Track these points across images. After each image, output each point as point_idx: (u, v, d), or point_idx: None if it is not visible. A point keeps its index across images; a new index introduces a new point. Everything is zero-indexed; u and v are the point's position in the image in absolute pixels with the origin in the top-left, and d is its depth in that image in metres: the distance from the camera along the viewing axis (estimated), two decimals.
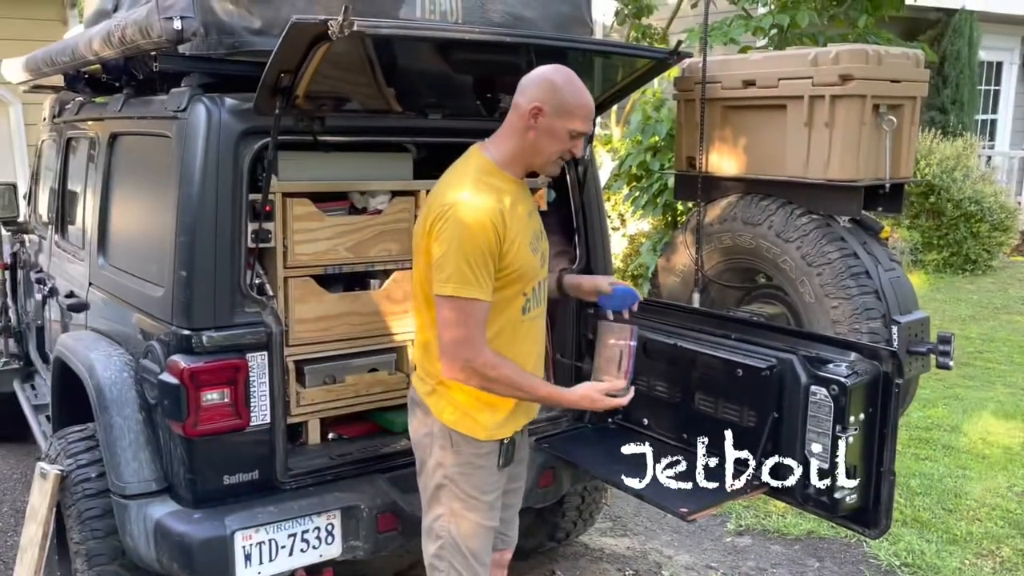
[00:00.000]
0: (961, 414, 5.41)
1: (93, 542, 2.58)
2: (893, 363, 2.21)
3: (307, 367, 2.78)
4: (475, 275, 2.08)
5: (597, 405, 2.26)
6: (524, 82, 2.20)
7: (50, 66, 3.41)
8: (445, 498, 2.27)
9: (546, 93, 2.15)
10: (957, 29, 11.12)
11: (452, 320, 2.11)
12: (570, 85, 2.17)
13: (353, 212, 2.87)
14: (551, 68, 2.20)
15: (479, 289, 2.09)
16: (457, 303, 2.09)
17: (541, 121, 2.15)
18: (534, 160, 2.24)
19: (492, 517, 2.32)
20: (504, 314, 2.22)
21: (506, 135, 2.23)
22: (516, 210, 2.20)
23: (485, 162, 2.23)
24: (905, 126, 2.97)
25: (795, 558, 3.76)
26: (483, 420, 2.24)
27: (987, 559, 3.71)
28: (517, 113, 2.19)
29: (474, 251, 2.08)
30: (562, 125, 2.16)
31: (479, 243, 2.08)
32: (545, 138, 2.18)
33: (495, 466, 2.29)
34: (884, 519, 2.27)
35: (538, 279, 2.31)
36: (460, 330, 2.10)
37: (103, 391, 2.60)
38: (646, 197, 6.58)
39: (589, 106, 2.20)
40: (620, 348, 2.32)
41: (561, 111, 2.15)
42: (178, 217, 2.44)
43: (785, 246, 2.94)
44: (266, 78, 2.22)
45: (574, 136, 2.19)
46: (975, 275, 9.67)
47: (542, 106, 2.14)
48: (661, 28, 7.84)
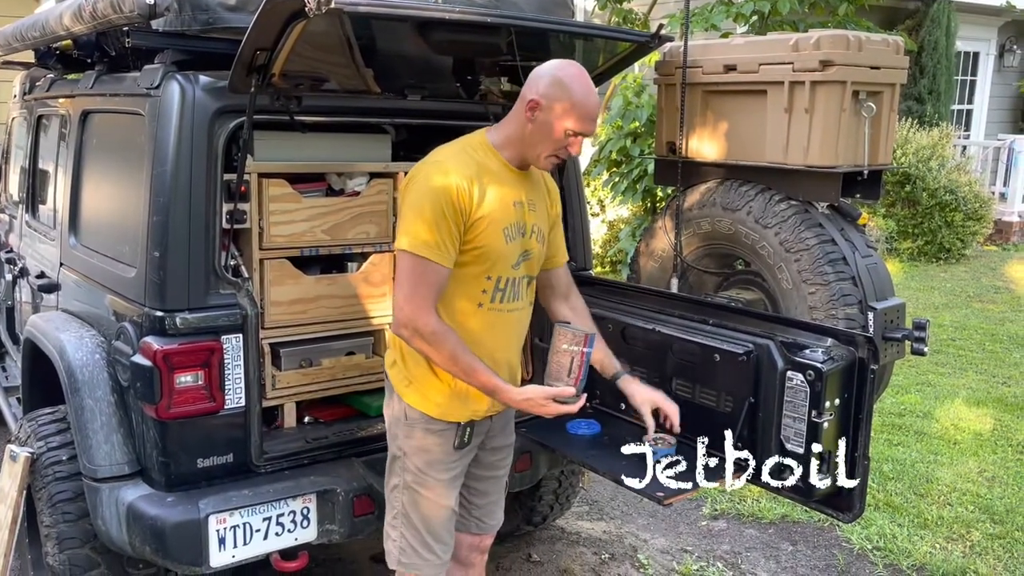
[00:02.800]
0: (933, 400, 5.48)
1: (64, 525, 2.55)
2: (869, 349, 2.22)
3: (283, 350, 2.75)
4: (432, 235, 2.06)
5: (543, 410, 2.15)
6: (534, 72, 2.18)
7: (20, 41, 3.34)
8: (398, 470, 2.29)
9: (550, 88, 2.12)
10: (935, 19, 11.19)
11: (403, 275, 2.09)
12: (575, 84, 2.13)
13: (330, 193, 2.84)
14: (561, 63, 2.18)
15: (435, 251, 2.07)
16: (410, 259, 2.07)
17: (538, 115, 2.13)
18: (528, 152, 2.21)
19: (448, 496, 2.30)
20: (463, 291, 2.18)
21: (510, 121, 2.22)
22: (496, 189, 2.17)
23: (481, 139, 2.22)
24: (884, 113, 2.97)
25: (769, 542, 3.79)
26: (434, 396, 2.23)
27: (957, 543, 3.76)
28: (520, 103, 2.18)
29: (434, 211, 2.06)
30: (559, 123, 2.14)
31: (440, 203, 2.06)
32: (540, 133, 2.16)
33: (450, 446, 2.26)
34: (858, 503, 2.28)
35: (515, 274, 2.25)
36: (408, 287, 2.08)
37: (74, 373, 2.56)
38: (626, 183, 6.59)
39: (590, 108, 2.15)
40: (572, 354, 2.17)
41: (561, 110, 2.12)
42: (151, 197, 2.40)
43: (763, 232, 2.94)
44: (241, 56, 2.18)
45: (570, 135, 2.16)
46: (949, 264, 9.78)
47: (541, 100, 2.12)
48: (642, 13, 7.82)
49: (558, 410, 2.16)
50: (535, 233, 2.30)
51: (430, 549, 2.30)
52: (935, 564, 3.57)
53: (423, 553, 2.30)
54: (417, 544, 2.30)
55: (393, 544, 2.34)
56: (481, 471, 2.44)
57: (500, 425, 2.43)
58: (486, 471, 2.45)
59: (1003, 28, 13.14)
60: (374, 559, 3.49)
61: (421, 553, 2.30)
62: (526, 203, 2.27)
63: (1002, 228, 11.05)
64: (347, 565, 3.50)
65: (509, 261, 2.22)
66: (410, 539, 2.30)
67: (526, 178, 2.28)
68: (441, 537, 2.32)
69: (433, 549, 2.31)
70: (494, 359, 2.24)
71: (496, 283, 2.22)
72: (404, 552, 2.31)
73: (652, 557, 3.65)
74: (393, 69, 2.72)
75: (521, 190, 2.26)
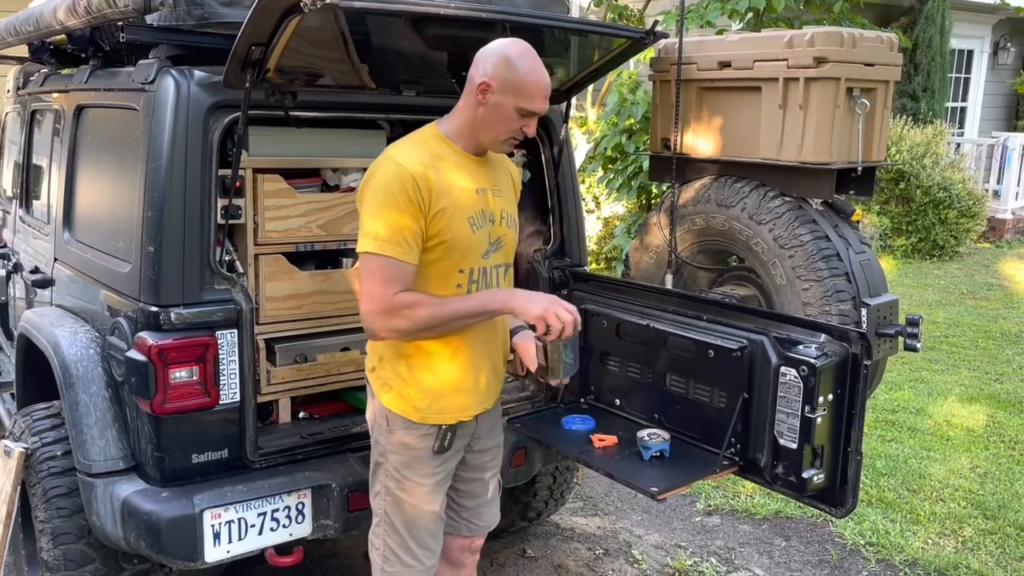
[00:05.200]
0: (926, 397, 5.50)
1: (59, 520, 2.55)
2: (862, 345, 2.23)
3: (278, 345, 2.75)
4: (392, 232, 2.00)
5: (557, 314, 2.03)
6: (479, 55, 2.12)
7: (14, 36, 3.33)
8: (381, 476, 2.25)
9: (497, 68, 2.06)
10: (929, 17, 11.22)
11: (368, 277, 2.02)
12: (523, 61, 2.07)
13: (325, 189, 2.84)
14: (507, 42, 2.12)
15: (397, 248, 2.01)
16: (374, 259, 2.01)
17: (490, 98, 2.08)
18: (484, 137, 2.15)
19: (432, 501, 2.24)
20: (435, 288, 2.12)
21: (460, 109, 2.17)
22: (455, 178, 2.11)
23: (433, 132, 2.18)
24: (878, 110, 2.99)
25: (763, 537, 3.81)
26: (414, 399, 2.18)
27: (949, 538, 3.78)
28: (470, 86, 2.12)
29: (392, 206, 2.00)
30: (512, 103, 2.07)
31: (397, 198, 2.00)
32: (494, 115, 2.10)
33: (431, 450, 2.21)
34: (850, 499, 2.29)
35: (486, 263, 2.19)
36: (375, 288, 2.01)
37: (69, 368, 2.56)
38: (621, 179, 6.60)
39: (542, 84, 2.09)
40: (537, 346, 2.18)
41: (511, 88, 2.06)
42: (145, 192, 2.40)
43: (758, 228, 2.95)
44: (236, 51, 2.18)
45: (524, 115, 2.10)
46: (942, 261, 9.81)
47: (491, 82, 2.06)
48: (638, 10, 7.82)
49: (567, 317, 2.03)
50: (504, 219, 2.25)
51: (413, 555, 2.25)
52: (927, 559, 3.59)
53: (406, 559, 2.25)
54: (400, 550, 2.25)
55: (376, 552, 2.29)
56: (468, 473, 2.39)
57: (487, 427, 2.38)
58: (473, 472, 2.40)
59: (997, 26, 13.18)
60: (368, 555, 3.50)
61: (404, 559, 2.25)
62: (489, 189, 2.21)
63: (995, 225, 11.09)
64: (341, 561, 3.50)
65: (479, 251, 2.17)
66: (393, 545, 2.25)
67: (485, 164, 2.23)
68: (425, 543, 2.26)
69: (417, 555, 2.25)
70: (474, 360, 2.20)
71: (469, 275, 2.17)
72: (387, 560, 2.26)
73: (646, 553, 3.66)
74: (388, 64, 2.71)
75: (482, 176, 2.20)
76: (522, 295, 2.14)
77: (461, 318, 2.10)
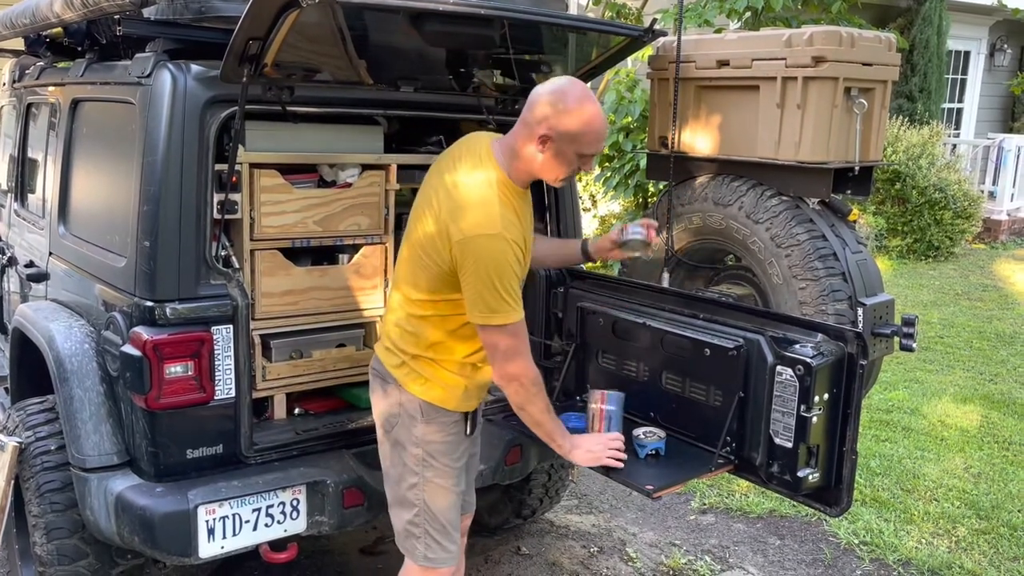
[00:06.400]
0: (921, 397, 5.51)
1: (52, 515, 2.54)
2: (858, 344, 2.23)
3: (273, 341, 2.75)
4: (513, 299, 2.15)
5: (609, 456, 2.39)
6: (534, 96, 2.16)
7: (10, 29, 3.31)
8: (419, 467, 2.30)
9: (559, 119, 2.11)
10: (926, 18, 11.24)
11: (505, 344, 2.17)
12: (583, 109, 2.12)
13: (322, 185, 2.83)
14: (563, 86, 2.15)
15: (517, 311, 2.16)
16: (505, 329, 2.16)
17: (550, 146, 2.15)
18: (544, 176, 2.24)
19: (460, 482, 2.39)
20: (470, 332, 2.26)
21: (519, 152, 2.19)
22: (528, 225, 2.24)
23: (501, 177, 2.20)
24: (875, 109, 2.98)
25: (757, 536, 3.81)
26: (450, 392, 2.30)
27: (943, 538, 3.79)
28: (527, 130, 2.16)
29: (508, 281, 2.13)
30: (573, 150, 2.16)
31: (510, 274, 2.13)
32: (555, 161, 2.18)
33: (464, 434, 2.36)
34: (845, 498, 2.30)
35: None
36: (514, 351, 2.18)
37: (63, 362, 2.55)
38: (618, 178, 6.60)
39: (601, 132, 2.18)
40: (593, 411, 2.52)
41: (570, 137, 2.13)
42: (141, 186, 2.39)
43: (754, 227, 2.95)
44: (233, 45, 2.17)
45: (584, 157, 2.19)
46: (937, 261, 9.83)
47: (550, 134, 2.12)
48: (636, 8, 7.81)
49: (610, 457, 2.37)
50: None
51: (452, 539, 2.36)
52: (921, 559, 3.60)
53: (447, 545, 2.35)
54: (441, 537, 2.34)
55: (419, 542, 2.34)
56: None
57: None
58: (470, 447, 2.52)
59: (994, 27, 13.20)
60: (363, 551, 3.50)
61: (445, 546, 2.34)
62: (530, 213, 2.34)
63: (991, 226, 11.12)
64: (336, 557, 3.50)
65: None
66: (435, 534, 2.33)
67: (526, 193, 2.31)
68: (456, 526, 2.39)
69: (454, 539, 2.36)
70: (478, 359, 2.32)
71: None
72: (430, 548, 2.33)
73: (640, 551, 3.66)
74: (386, 60, 2.71)
75: (528, 206, 2.31)
76: (582, 452, 2.38)
77: (538, 425, 2.30)
